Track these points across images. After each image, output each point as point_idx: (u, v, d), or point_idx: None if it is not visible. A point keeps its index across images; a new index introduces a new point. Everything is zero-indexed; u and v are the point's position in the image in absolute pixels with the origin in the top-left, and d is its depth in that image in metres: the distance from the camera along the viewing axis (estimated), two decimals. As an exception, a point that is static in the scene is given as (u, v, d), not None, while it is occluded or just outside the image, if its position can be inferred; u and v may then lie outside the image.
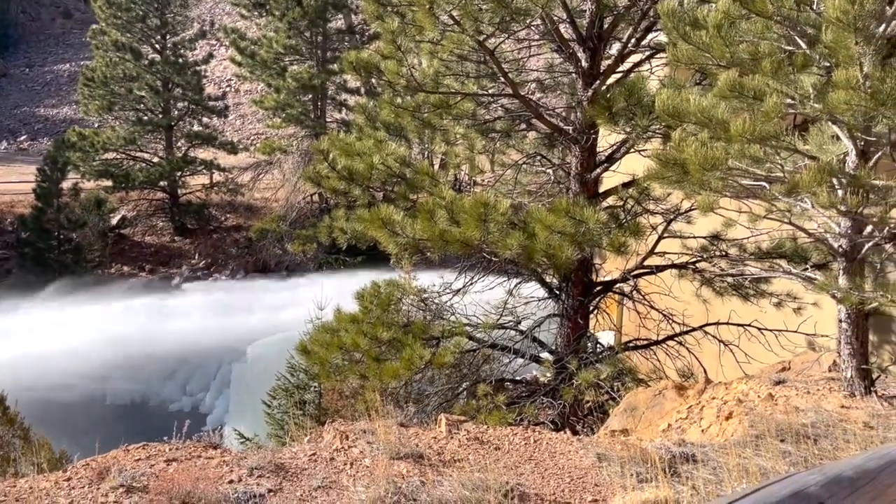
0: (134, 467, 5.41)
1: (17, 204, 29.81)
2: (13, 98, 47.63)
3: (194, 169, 31.37)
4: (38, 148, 39.90)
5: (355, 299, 12.19)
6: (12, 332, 21.16)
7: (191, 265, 30.66)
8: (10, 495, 5.03)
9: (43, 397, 17.91)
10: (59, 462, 10.23)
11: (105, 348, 21.88)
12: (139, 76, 29.88)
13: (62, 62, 50.33)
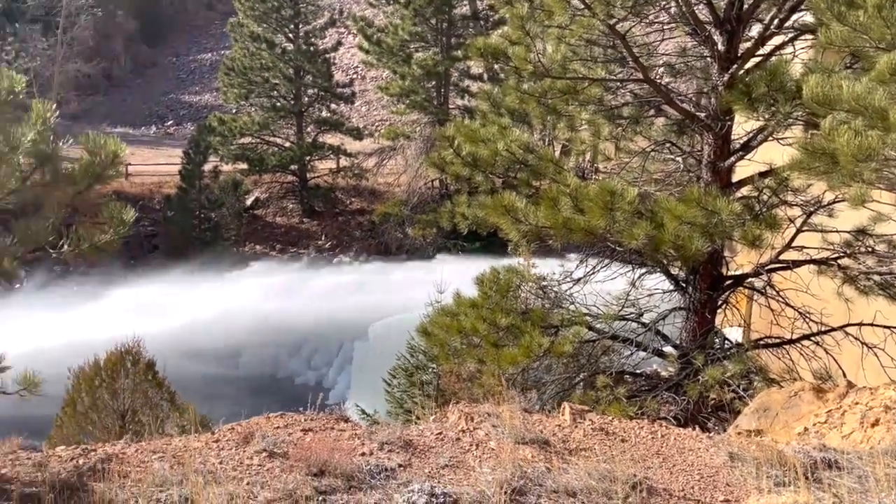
0: (274, 434, 5.77)
1: (164, 184, 32.15)
2: (161, 86, 51.20)
3: (322, 154, 32.66)
4: (183, 132, 42.73)
5: (475, 284, 12.30)
6: (160, 304, 22.90)
7: (317, 246, 32.00)
8: (168, 452, 5.50)
9: (183, 365, 19.32)
10: (200, 425, 11.02)
11: (238, 322, 23.30)
12: (274, 65, 31.36)
13: (205, 52, 53.53)
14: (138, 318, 18.37)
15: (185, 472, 4.89)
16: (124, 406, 11.58)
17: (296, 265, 30.22)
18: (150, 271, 26.84)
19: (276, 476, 5.02)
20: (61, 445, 8.96)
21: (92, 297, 24.38)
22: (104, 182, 4.77)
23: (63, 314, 22.12)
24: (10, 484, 4.83)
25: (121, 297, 24.27)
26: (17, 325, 18.66)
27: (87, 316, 21.64)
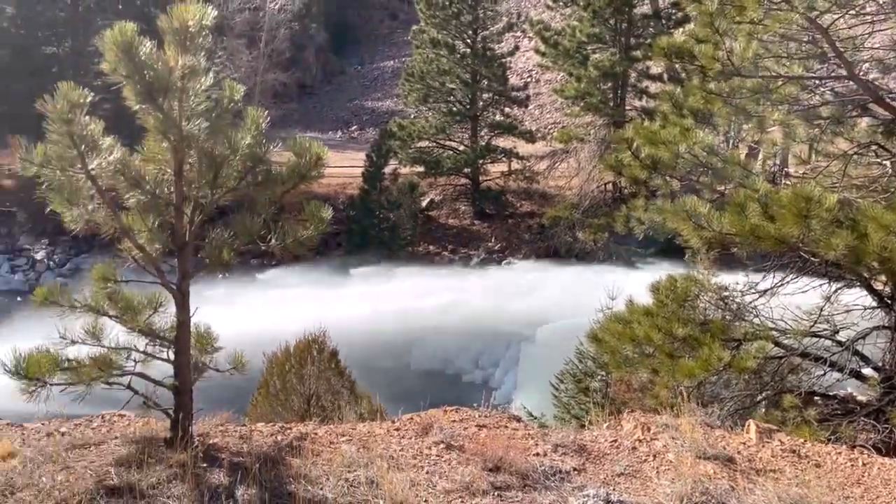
0: (451, 427, 5.96)
1: (347, 186, 34.11)
2: (347, 92, 54.38)
3: (495, 157, 33.11)
4: (366, 136, 45.10)
5: (650, 292, 11.91)
6: (343, 297, 24.33)
7: (487, 248, 32.47)
8: (354, 436, 5.87)
9: (360, 356, 20.37)
10: (376, 414, 11.60)
11: (410, 318, 24.20)
12: (451, 70, 32.25)
13: (387, 59, 56.15)
14: (321, 308, 19.64)
15: (370, 457, 5.19)
16: (310, 391, 12.43)
17: (466, 266, 30.86)
18: (333, 266, 28.59)
19: (454, 468, 5.19)
20: (258, 422, 9.80)
21: (282, 288, 26.40)
22: (308, 182, 5.18)
23: (258, 303, 24.17)
24: (220, 453, 5.37)
25: (307, 289, 26.07)
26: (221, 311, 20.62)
27: (278, 305, 23.45)
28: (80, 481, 4.81)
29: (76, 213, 4.73)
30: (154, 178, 5.22)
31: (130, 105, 4.90)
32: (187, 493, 4.68)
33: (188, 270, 5.26)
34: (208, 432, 5.81)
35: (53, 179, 4.52)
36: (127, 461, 5.08)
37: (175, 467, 4.98)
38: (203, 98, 5.14)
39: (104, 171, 4.61)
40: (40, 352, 4.93)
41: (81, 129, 4.44)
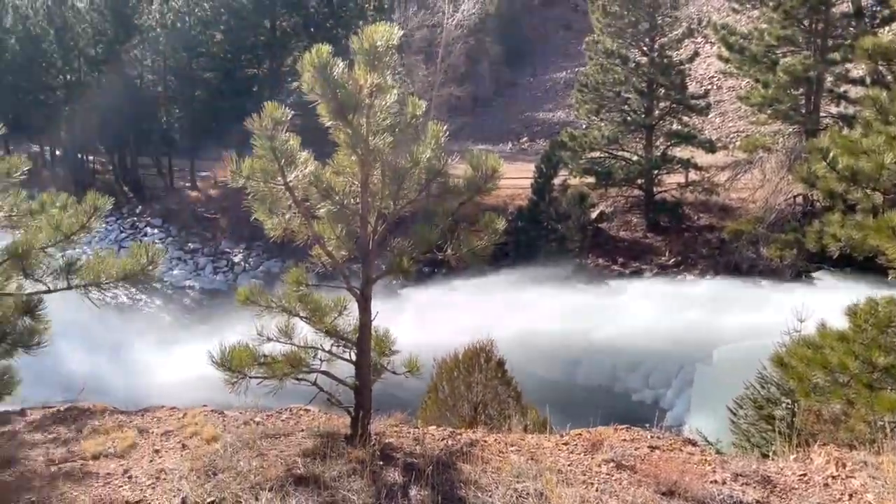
0: (621, 446, 5.80)
1: (516, 197, 34.33)
2: (519, 104, 54.84)
3: (671, 167, 31.84)
4: (536, 148, 45.19)
5: (846, 315, 10.91)
6: (511, 307, 24.50)
7: (660, 262, 31.25)
8: (523, 447, 5.89)
9: (527, 367, 20.35)
10: (542, 427, 11.54)
11: (580, 332, 23.82)
12: (626, 79, 31.49)
13: (560, 70, 55.97)
14: (489, 317, 19.87)
15: (539, 469, 5.18)
16: (477, 398, 12.61)
17: (637, 280, 29.88)
18: (500, 277, 28.87)
19: (624, 488, 5.05)
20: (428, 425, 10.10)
21: (449, 296, 27.06)
22: (483, 193, 5.30)
23: (428, 309, 24.94)
24: (395, 452, 5.61)
25: (474, 297, 26.51)
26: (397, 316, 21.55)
27: (445, 313, 24.04)
28: (271, 468, 5.22)
29: (276, 220, 5.17)
30: (343, 190, 5.57)
31: (323, 122, 5.27)
32: (365, 488, 4.93)
33: (371, 276, 5.56)
34: (384, 432, 6.09)
35: (258, 190, 4.97)
36: (312, 453, 5.44)
37: (354, 462, 5.26)
38: (388, 114, 5.42)
39: (300, 182, 5.00)
40: (241, 347, 5.41)
41: (282, 144, 4.85)
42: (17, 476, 5.30)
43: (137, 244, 5.75)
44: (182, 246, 39.15)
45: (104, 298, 5.62)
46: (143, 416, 6.69)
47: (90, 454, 5.64)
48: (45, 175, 45.26)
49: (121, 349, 27.37)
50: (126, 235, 39.85)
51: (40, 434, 6.17)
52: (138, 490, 5.10)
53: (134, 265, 5.48)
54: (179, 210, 40.89)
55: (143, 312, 34.26)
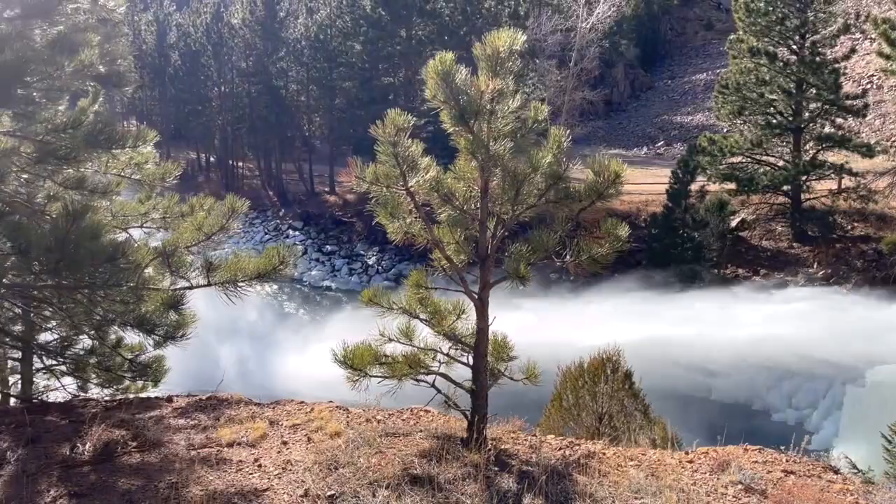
0: (752, 469, 5.47)
1: (650, 203, 33.29)
2: (655, 108, 53.16)
3: (821, 173, 29.69)
4: (672, 153, 43.63)
5: None
6: (641, 317, 23.77)
7: (807, 274, 29.21)
8: (643, 462, 5.68)
9: (656, 379, 19.64)
10: (669, 441, 11.09)
11: (716, 345, 22.70)
12: (772, 80, 29.71)
13: (700, 72, 53.75)
14: (616, 326, 19.37)
15: (659, 486, 4.99)
16: (602, 409, 12.33)
17: (780, 292, 28.07)
18: (631, 285, 28.07)
19: (752, 513, 4.76)
20: (549, 434, 9.99)
21: (581, 304, 26.65)
22: (605, 200, 5.17)
23: (555, 315, 24.67)
24: (510, 459, 5.58)
25: (605, 305, 25.95)
26: (518, 321, 21.49)
27: (574, 320, 23.69)
28: (389, 466, 5.35)
29: (397, 224, 5.31)
30: (463, 195, 5.63)
31: (446, 128, 5.35)
32: (478, 492, 4.94)
33: (489, 281, 5.57)
34: (501, 437, 6.08)
35: (380, 195, 5.13)
36: (428, 454, 5.52)
37: (469, 466, 5.29)
38: (510, 119, 5.42)
39: (421, 187, 5.10)
40: (363, 346, 5.59)
41: (404, 150, 4.97)
42: (162, 458, 5.74)
43: (272, 246, 6.09)
44: (320, 248, 41.04)
45: (240, 295, 6.00)
46: (273, 408, 7.05)
47: (225, 442, 6.02)
48: (200, 180, 48.95)
49: (262, 344, 29.06)
50: (270, 237, 42.29)
51: (183, 420, 6.66)
52: (266, 479, 5.38)
53: (267, 264, 5.81)
54: (318, 214, 42.89)
55: (284, 311, 36.22)
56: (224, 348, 27.90)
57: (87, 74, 6.02)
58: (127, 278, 5.39)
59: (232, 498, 5.06)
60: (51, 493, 5.18)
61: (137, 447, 5.90)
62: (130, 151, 6.64)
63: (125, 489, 5.24)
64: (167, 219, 8.19)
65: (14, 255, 4.96)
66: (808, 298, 27.15)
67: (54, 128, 6.05)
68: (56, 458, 5.75)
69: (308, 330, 30.43)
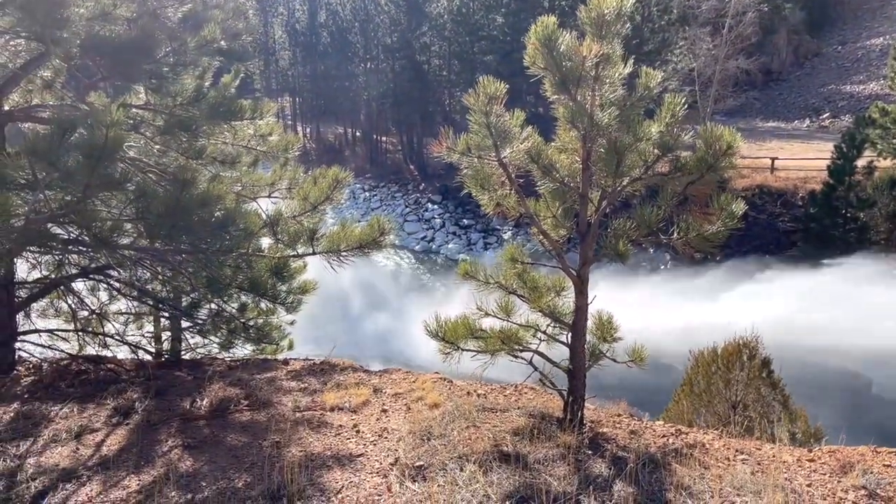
0: (881, 472, 4.92)
1: (809, 180, 30.75)
2: (821, 77, 48.87)
3: None
4: (839, 125, 40.00)
5: None
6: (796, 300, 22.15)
7: None
8: (754, 456, 5.26)
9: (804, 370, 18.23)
10: (812, 436, 10.26)
11: (878, 334, 20.76)
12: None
13: (876, 36, 48.73)
14: (762, 310, 18.17)
15: (766, 483, 4.59)
16: (736, 397, 11.64)
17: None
18: (785, 268, 26.20)
19: (872, 523, 4.27)
20: (676, 420, 9.56)
21: (722, 286, 25.21)
22: (716, 172, 4.76)
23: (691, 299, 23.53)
24: (607, 442, 5.36)
25: (750, 288, 24.42)
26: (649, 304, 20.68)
27: (712, 303, 22.47)
28: (480, 441, 5.30)
29: (488, 196, 5.18)
30: (567, 167, 5.39)
31: (547, 96, 5.13)
32: (567, 475, 4.78)
33: (590, 257, 5.33)
34: (601, 420, 5.85)
35: (471, 166, 5.02)
36: (521, 432, 5.42)
37: (562, 448, 5.12)
38: (618, 87, 5.11)
39: (515, 158, 4.93)
40: (460, 319, 5.54)
41: (497, 120, 4.81)
42: (269, 417, 6.02)
43: (377, 217, 6.17)
44: (458, 221, 41.51)
45: (343, 264, 6.13)
46: (380, 376, 7.20)
47: (329, 406, 6.22)
48: (346, 154, 50.91)
49: (396, 313, 29.93)
50: (410, 210, 43.33)
51: (294, 382, 6.95)
52: (362, 444, 5.49)
53: (369, 235, 5.89)
54: (457, 188, 43.22)
55: (421, 281, 37.07)
56: (360, 317, 29.05)
57: (209, 49, 6.33)
58: (237, 245, 5.66)
59: (327, 461, 5.21)
60: (168, 443, 5.58)
61: (249, 406, 6.23)
62: (249, 123, 6.94)
63: (233, 444, 5.54)
64: (293, 189, 8.52)
65: (136, 220, 5.36)
66: None
67: (182, 101, 6.43)
68: (177, 410, 6.19)
69: (440, 300, 30.99)
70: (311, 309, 8.44)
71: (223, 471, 5.08)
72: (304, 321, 9.20)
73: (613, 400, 6.90)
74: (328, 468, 5.06)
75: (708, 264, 28.29)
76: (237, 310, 7.89)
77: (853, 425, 13.94)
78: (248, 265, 6.14)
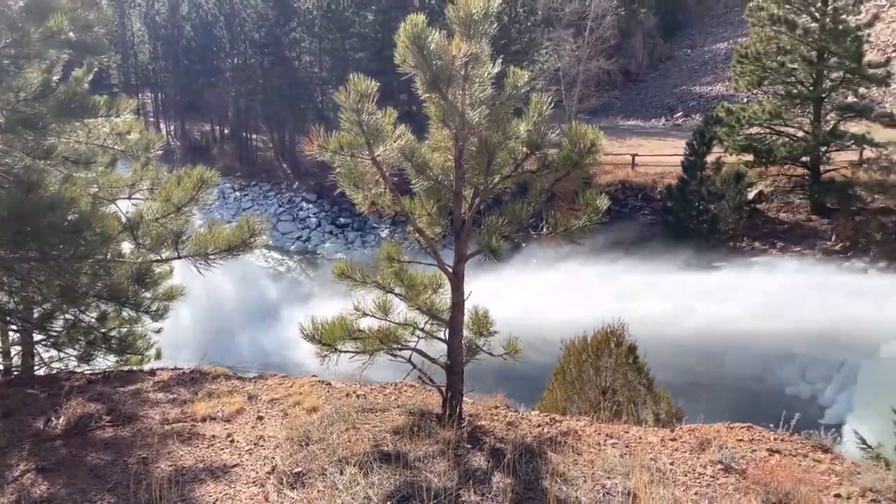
0: (735, 447, 5.31)
1: (666, 175, 32.74)
2: (674, 78, 52.16)
3: (842, 144, 28.96)
4: (690, 123, 42.81)
5: None
6: (652, 291, 23.50)
7: (824, 247, 28.68)
8: (623, 439, 5.53)
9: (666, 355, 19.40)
10: (675, 416, 10.93)
11: (730, 319, 22.40)
12: (792, 48, 28.92)
13: (721, 41, 52.58)
14: (625, 301, 19.15)
15: (633, 465, 4.84)
16: (605, 383, 12.18)
17: (797, 265, 27.59)
18: (646, 258, 27.75)
19: (728, 494, 4.60)
20: (551, 408, 9.85)
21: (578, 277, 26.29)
22: (581, 169, 4.95)
23: (564, 288, 24.46)
24: (486, 436, 5.46)
25: (608, 279, 25.64)
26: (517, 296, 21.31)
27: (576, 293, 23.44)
28: (360, 443, 5.24)
29: (362, 195, 5.14)
30: (440, 165, 5.43)
31: (419, 94, 5.14)
32: (447, 470, 4.82)
33: (464, 254, 5.40)
34: (479, 413, 5.95)
35: (344, 164, 4.95)
36: (402, 430, 5.41)
37: (441, 444, 5.17)
38: (487, 86, 5.19)
39: (388, 157, 4.91)
40: (336, 321, 5.45)
41: (369, 118, 4.77)
42: (134, 432, 5.68)
43: (246, 217, 5.96)
44: (334, 220, 40.98)
45: (210, 268, 5.88)
46: (255, 383, 6.98)
47: (200, 416, 5.95)
48: (214, 152, 48.96)
49: (270, 317, 29.17)
50: (283, 209, 42.30)
51: (162, 394, 6.60)
52: (237, 454, 5.30)
53: (237, 237, 5.69)
54: (332, 186, 42.59)
55: (299, 283, 36.30)
56: (236, 321, 28.08)
57: (56, 41, 5.87)
58: (93, 250, 5.29)
59: (199, 474, 4.99)
60: (20, 468, 5.14)
61: (111, 421, 5.85)
62: (105, 121, 6.50)
63: (94, 464, 5.18)
64: (155, 190, 8.07)
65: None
66: (824, 271, 26.70)
67: (26, 96, 5.92)
68: (29, 431, 5.72)
69: (319, 301, 30.50)
70: (179, 316, 8.05)
71: (83, 493, 4.74)
72: (173, 329, 8.76)
73: (491, 392, 7.03)
74: (201, 482, 4.84)
75: (575, 255, 29.51)
76: (96, 319, 7.40)
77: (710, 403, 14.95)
78: (106, 272, 5.76)
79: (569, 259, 27.11)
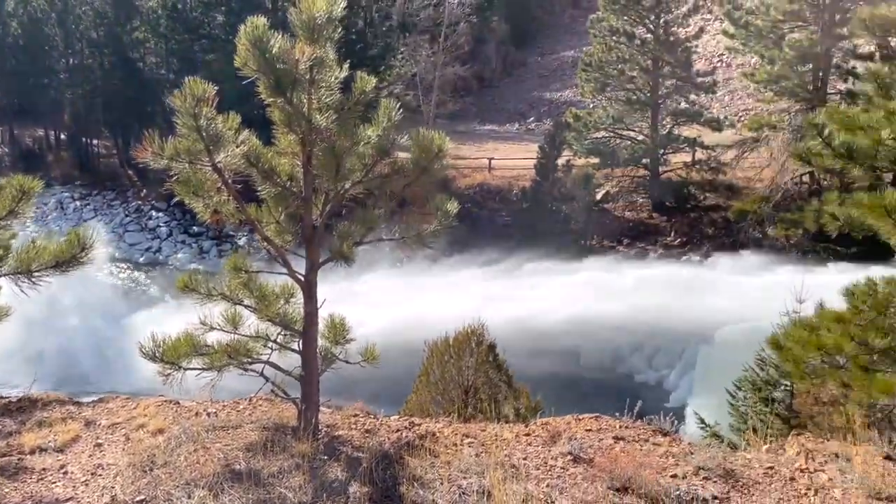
0: (583, 437, 5.54)
1: (521, 177, 33.92)
2: (526, 84, 54.16)
3: (677, 146, 31.30)
4: (543, 128, 44.58)
5: (843, 296, 10.57)
6: (511, 291, 24.20)
7: (665, 242, 30.83)
8: (479, 438, 5.64)
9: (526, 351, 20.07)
10: (534, 410, 11.31)
11: (581, 314, 23.52)
12: (631, 58, 30.90)
13: (568, 49, 55.18)
14: (485, 302, 19.59)
15: (488, 463, 4.93)
16: (468, 382, 12.38)
17: (641, 261, 29.49)
18: (500, 258, 28.58)
19: (577, 483, 4.79)
20: (416, 410, 9.84)
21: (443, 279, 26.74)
22: (431, 175, 5.00)
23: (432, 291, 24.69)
24: (343, 446, 5.37)
25: (471, 282, 26.22)
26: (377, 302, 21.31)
27: (442, 296, 23.78)
28: (209, 463, 5.00)
29: (203, 203, 4.91)
30: (288, 171, 5.29)
31: (262, 99, 4.99)
32: (303, 485, 4.71)
33: (316, 261, 5.30)
34: (336, 423, 5.86)
35: (181, 172, 4.71)
36: (255, 447, 5.22)
37: (297, 458, 5.03)
38: (335, 90, 5.12)
39: (230, 163, 4.73)
40: (181, 337, 5.17)
41: (208, 123, 4.57)
42: (-50, 471, 5.11)
43: (74, 229, 5.52)
44: (186, 229, 39.05)
45: (35, 286, 5.40)
46: (94, 407, 6.50)
47: (28, 448, 5.46)
48: (49, 160, 45.28)
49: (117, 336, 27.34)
50: (130, 219, 39.83)
51: (-16, 426, 5.99)
52: (71, 487, 4.90)
53: (66, 252, 5.26)
54: (183, 194, 40.66)
55: (150, 297, 34.25)
56: (78, 342, 26.08)
57: None
58: None
59: (28, 511, 4.56)
60: None
61: (-78, 461, 5.24)
62: None
63: None
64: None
65: None
66: (666, 265, 28.67)
67: None
68: None
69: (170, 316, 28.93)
70: (6, 339, 7.35)
71: None
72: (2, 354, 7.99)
73: (350, 400, 6.95)
74: (30, 520, 4.43)
75: (441, 260, 29.90)
76: None
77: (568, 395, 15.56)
78: None
79: (441, 262, 27.48)
